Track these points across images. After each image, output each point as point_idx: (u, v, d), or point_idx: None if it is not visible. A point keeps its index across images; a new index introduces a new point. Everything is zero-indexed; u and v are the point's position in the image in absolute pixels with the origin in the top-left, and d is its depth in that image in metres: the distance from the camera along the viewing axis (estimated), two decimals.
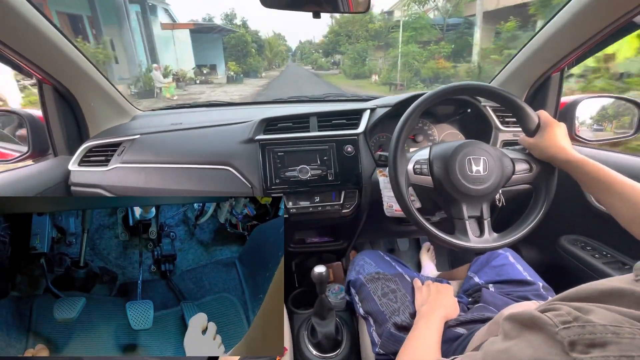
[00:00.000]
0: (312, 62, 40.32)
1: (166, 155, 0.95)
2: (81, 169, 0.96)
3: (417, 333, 0.63)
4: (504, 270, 0.79)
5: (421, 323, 0.66)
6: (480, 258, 0.87)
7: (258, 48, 24.76)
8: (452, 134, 1.07)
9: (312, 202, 0.95)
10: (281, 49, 43.50)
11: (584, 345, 0.22)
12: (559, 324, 0.24)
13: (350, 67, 20.06)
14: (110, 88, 1.08)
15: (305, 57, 49.54)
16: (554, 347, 0.23)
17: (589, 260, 0.86)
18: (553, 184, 0.69)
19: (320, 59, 36.57)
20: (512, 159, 0.70)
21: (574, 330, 0.23)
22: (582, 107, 1.03)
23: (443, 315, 0.67)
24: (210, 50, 19.93)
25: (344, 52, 21.15)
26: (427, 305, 0.71)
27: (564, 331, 0.23)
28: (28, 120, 0.97)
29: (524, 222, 0.70)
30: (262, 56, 27.04)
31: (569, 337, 0.23)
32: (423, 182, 0.70)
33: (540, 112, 0.69)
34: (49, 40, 0.81)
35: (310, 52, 48.82)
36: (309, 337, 0.89)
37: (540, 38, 0.90)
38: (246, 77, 20.82)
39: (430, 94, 0.70)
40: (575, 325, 0.23)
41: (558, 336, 0.23)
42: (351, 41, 23.02)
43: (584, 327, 0.23)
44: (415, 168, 0.70)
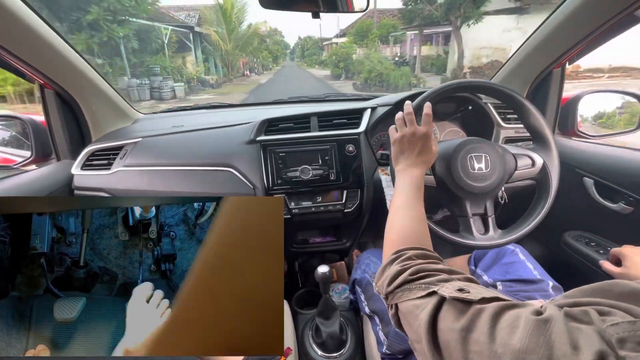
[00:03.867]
0: (319, 63, 30.74)
1: (168, 157, 0.95)
2: (84, 173, 0.96)
3: (400, 201, 0.56)
4: (514, 268, 0.78)
5: (401, 184, 0.59)
6: (489, 254, 0.86)
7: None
8: (453, 132, 1.07)
9: (314, 202, 0.95)
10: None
11: (635, 343, 0.21)
12: (607, 320, 0.23)
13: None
14: (111, 92, 1.08)
15: (309, 54, 39.46)
16: (600, 343, 0.22)
17: (593, 256, 0.85)
18: (556, 179, 0.69)
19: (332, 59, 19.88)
20: (514, 154, 0.70)
21: (624, 327, 0.22)
22: (584, 102, 1.02)
23: (424, 169, 0.62)
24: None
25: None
26: (404, 158, 0.63)
27: (612, 328, 0.22)
28: (31, 125, 0.98)
29: (529, 217, 0.69)
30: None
31: (617, 334, 0.22)
32: (426, 182, 0.70)
33: (624, 248, 0.67)
34: (49, 45, 0.81)
35: (316, 49, 38.66)
36: (314, 337, 0.89)
37: (541, 34, 0.89)
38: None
39: (431, 91, 0.70)
40: (624, 322, 0.22)
41: (604, 333, 0.22)
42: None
43: (635, 323, 0.22)
44: None
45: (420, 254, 0.43)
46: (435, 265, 0.40)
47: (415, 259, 0.42)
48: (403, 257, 0.43)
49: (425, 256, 0.43)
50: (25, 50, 0.78)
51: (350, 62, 15.70)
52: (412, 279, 0.38)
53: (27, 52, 0.79)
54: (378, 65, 11.64)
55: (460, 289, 0.32)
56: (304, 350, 0.87)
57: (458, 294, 0.32)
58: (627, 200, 0.82)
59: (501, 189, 0.70)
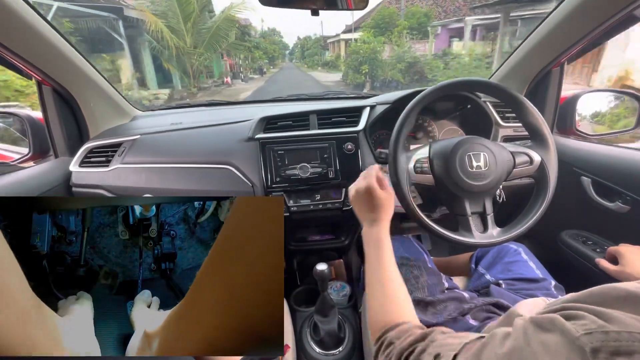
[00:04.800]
0: (323, 64, 25.56)
1: (167, 155, 0.95)
2: (82, 170, 0.96)
3: (370, 263, 0.56)
4: (516, 266, 0.79)
5: (366, 247, 0.59)
6: (491, 253, 0.86)
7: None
8: (452, 130, 1.07)
9: (313, 200, 0.95)
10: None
11: (607, 353, 0.21)
12: (580, 330, 0.23)
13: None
14: (109, 89, 1.08)
15: (309, 54, 33.60)
16: (573, 353, 0.22)
17: (590, 254, 0.86)
18: (554, 176, 0.69)
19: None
20: (512, 152, 0.70)
21: (597, 337, 0.22)
22: (583, 101, 1.03)
23: (383, 225, 0.60)
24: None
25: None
26: (362, 218, 0.63)
27: (586, 337, 0.22)
28: (28, 121, 0.97)
29: (527, 215, 0.70)
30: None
31: (591, 343, 0.22)
32: (424, 181, 0.70)
33: (621, 246, 0.70)
34: (47, 42, 0.81)
35: (317, 49, 32.95)
36: (312, 334, 0.89)
37: (539, 33, 0.89)
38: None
39: (429, 90, 0.70)
40: (598, 332, 0.22)
41: (579, 342, 0.22)
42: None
43: (608, 333, 0.22)
44: (416, 167, 0.70)
45: (398, 332, 0.44)
46: (410, 336, 0.41)
47: (395, 342, 0.43)
48: (384, 344, 0.44)
49: (402, 332, 0.44)
50: (22, 46, 0.77)
51: (377, 63, 10.41)
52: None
53: (25, 48, 0.78)
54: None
55: (436, 355, 0.34)
56: (302, 348, 0.88)
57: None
58: (624, 200, 0.82)
59: (500, 187, 0.70)
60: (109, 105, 1.11)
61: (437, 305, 0.71)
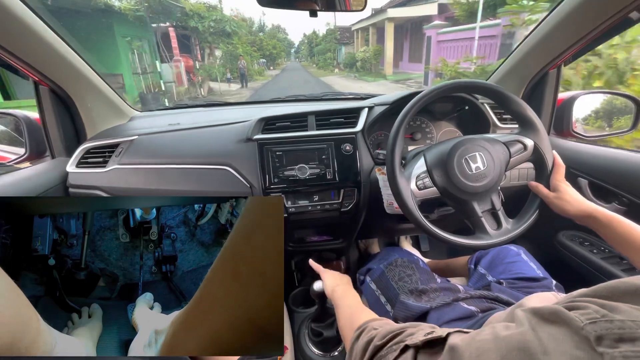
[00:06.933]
0: (349, 66, 18.90)
1: (164, 155, 0.95)
2: (79, 171, 0.95)
3: (346, 307, 0.60)
4: (517, 266, 0.79)
5: (344, 301, 0.64)
6: (490, 254, 0.87)
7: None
8: (450, 132, 1.08)
9: (311, 201, 0.95)
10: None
11: (612, 340, 0.21)
12: (584, 320, 0.23)
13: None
14: (107, 89, 1.07)
15: (319, 51, 26.84)
16: (579, 342, 0.22)
17: (587, 255, 0.87)
18: (550, 154, 0.71)
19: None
20: (505, 142, 0.71)
21: (601, 325, 0.22)
22: (580, 103, 1.03)
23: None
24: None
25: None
26: (341, 285, 0.69)
27: (590, 326, 0.23)
28: (25, 122, 0.97)
29: (534, 200, 0.72)
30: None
31: (595, 331, 0.22)
32: (430, 195, 0.70)
33: (560, 181, 0.69)
34: (44, 42, 0.80)
35: (331, 43, 24.98)
36: (310, 335, 0.89)
37: (537, 35, 0.90)
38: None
39: (427, 91, 0.70)
40: (602, 320, 0.23)
41: (583, 331, 0.23)
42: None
43: (612, 322, 0.22)
44: (418, 185, 0.70)
45: (382, 322, 0.44)
46: (400, 324, 0.41)
47: (378, 328, 0.42)
48: (366, 329, 0.43)
49: (386, 322, 0.44)
50: (19, 46, 0.77)
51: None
52: (382, 344, 0.38)
53: (21, 48, 0.77)
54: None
55: (428, 333, 0.33)
56: (300, 349, 0.88)
57: (426, 337, 0.32)
58: (621, 201, 0.83)
59: (502, 180, 0.71)
60: (107, 105, 1.10)
61: (430, 293, 0.71)
